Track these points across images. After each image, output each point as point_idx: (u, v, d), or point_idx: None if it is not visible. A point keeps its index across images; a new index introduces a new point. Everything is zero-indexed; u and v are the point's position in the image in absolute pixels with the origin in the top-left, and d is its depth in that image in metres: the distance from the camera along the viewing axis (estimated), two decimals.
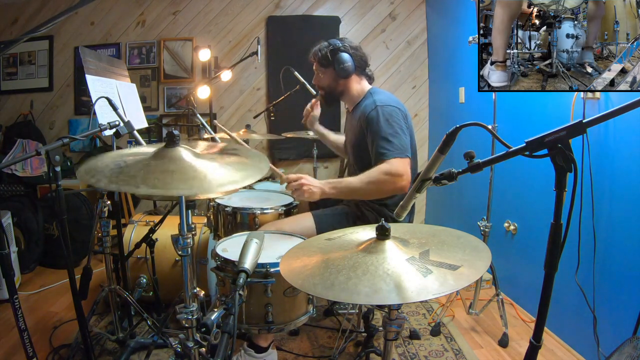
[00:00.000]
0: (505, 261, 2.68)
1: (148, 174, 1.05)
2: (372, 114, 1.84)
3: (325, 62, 1.99)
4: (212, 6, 3.88)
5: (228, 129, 3.94)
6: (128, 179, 1.03)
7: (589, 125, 0.82)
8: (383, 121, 1.81)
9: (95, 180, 1.03)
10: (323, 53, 1.98)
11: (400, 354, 2.13)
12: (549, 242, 0.88)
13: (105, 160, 1.14)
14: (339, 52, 1.95)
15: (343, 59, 1.94)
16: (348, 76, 1.98)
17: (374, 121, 1.82)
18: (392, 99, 1.93)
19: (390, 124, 1.80)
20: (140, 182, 1.01)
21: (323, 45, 2.00)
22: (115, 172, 1.07)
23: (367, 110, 1.87)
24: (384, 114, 1.82)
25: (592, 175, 1.90)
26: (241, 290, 1.23)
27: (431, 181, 1.02)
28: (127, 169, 1.08)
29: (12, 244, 2.85)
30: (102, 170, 1.08)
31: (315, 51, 2.02)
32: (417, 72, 4.01)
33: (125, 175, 1.05)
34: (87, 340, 1.64)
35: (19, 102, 3.93)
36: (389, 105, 1.85)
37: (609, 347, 1.75)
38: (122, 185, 1.02)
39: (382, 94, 1.96)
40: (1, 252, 1.38)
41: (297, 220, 1.95)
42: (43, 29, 1.42)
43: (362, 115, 1.90)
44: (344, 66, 1.95)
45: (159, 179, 1.03)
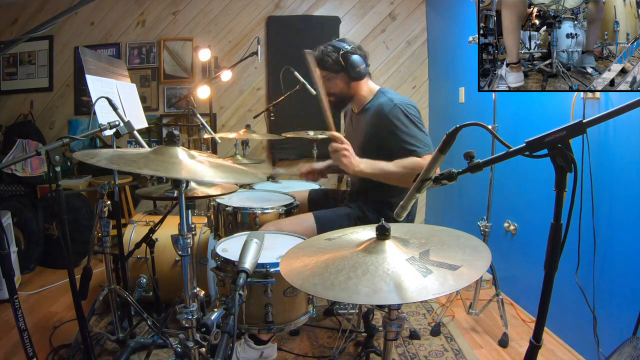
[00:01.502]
0: (505, 261, 2.68)
1: (149, 161, 1.10)
2: (393, 112, 1.81)
3: (337, 68, 1.90)
4: (212, 6, 3.88)
5: (228, 129, 3.97)
6: (129, 162, 1.07)
7: (589, 125, 0.82)
8: (405, 119, 1.80)
9: (95, 160, 1.05)
10: (334, 58, 1.89)
11: (400, 354, 2.13)
12: (549, 242, 0.88)
13: (102, 154, 1.18)
14: (350, 55, 1.88)
15: (356, 62, 1.88)
16: (362, 79, 1.94)
17: (397, 119, 1.80)
18: (405, 97, 1.92)
19: (413, 121, 1.80)
20: (143, 166, 1.07)
21: (329, 50, 1.91)
22: (116, 157, 1.12)
23: (386, 109, 1.83)
24: (405, 111, 1.81)
25: (592, 175, 1.90)
26: (241, 290, 1.23)
27: (431, 181, 1.02)
28: (127, 156, 1.13)
29: (12, 244, 2.85)
30: (102, 154, 1.12)
31: (323, 58, 1.91)
32: (417, 72, 4.01)
33: (124, 159, 1.10)
34: (87, 340, 1.64)
35: (19, 102, 3.93)
36: (408, 104, 1.85)
37: (609, 347, 1.75)
38: (123, 166, 1.05)
39: (395, 93, 1.95)
40: (1, 252, 1.38)
41: (298, 220, 1.95)
42: (43, 29, 1.42)
43: (378, 113, 1.86)
44: (359, 69, 1.89)
45: (159, 165, 1.10)
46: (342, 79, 1.94)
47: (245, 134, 2.62)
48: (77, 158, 1.09)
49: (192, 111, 2.89)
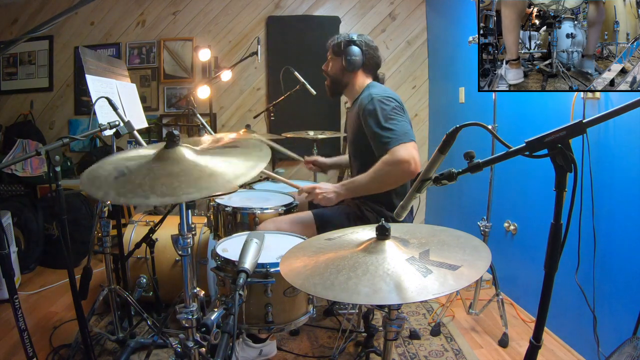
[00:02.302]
0: (505, 261, 2.68)
1: (154, 180, 1.01)
2: (368, 107, 1.85)
3: (337, 50, 2.03)
4: (212, 6, 3.88)
5: (228, 129, 3.97)
6: (135, 188, 1.00)
7: (589, 125, 0.82)
8: (380, 111, 1.81)
9: (102, 193, 1.02)
10: (338, 41, 2.03)
11: (400, 354, 2.13)
12: (549, 242, 0.88)
13: (106, 167, 1.12)
14: (351, 44, 1.99)
15: (353, 51, 1.99)
16: (354, 69, 2.01)
17: (371, 113, 1.82)
18: (388, 91, 1.94)
19: (388, 113, 1.81)
20: (149, 190, 0.98)
21: (341, 36, 2.05)
22: (121, 182, 1.04)
23: (364, 103, 1.88)
24: (381, 104, 1.83)
25: (592, 175, 1.90)
26: (241, 290, 1.23)
27: (431, 181, 1.02)
28: (132, 176, 1.05)
29: (12, 244, 2.85)
30: (106, 178, 1.06)
31: (333, 38, 2.08)
32: (417, 72, 4.01)
33: (131, 184, 1.02)
34: (87, 340, 1.64)
35: (19, 102, 3.93)
36: (386, 96, 1.86)
37: (609, 347, 1.75)
38: (131, 198, 1.00)
39: (378, 87, 1.98)
40: (1, 252, 1.38)
41: (297, 218, 1.95)
42: (43, 29, 1.42)
43: (359, 108, 1.91)
44: (352, 59, 1.98)
45: (165, 185, 1.00)
46: (339, 63, 2.04)
47: (245, 134, 2.63)
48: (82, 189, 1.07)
49: (192, 111, 2.88)
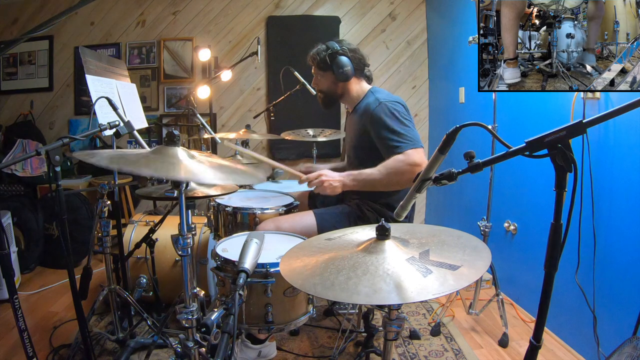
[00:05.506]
0: (505, 261, 2.68)
1: (149, 162, 1.10)
2: (377, 111, 1.84)
3: (324, 66, 1.98)
4: (212, 6, 3.88)
5: (228, 129, 3.97)
6: (129, 163, 1.08)
7: (589, 125, 0.82)
8: (390, 116, 1.81)
9: (95, 159, 1.05)
10: (322, 57, 1.97)
11: (400, 354, 2.13)
12: (549, 242, 0.88)
13: (104, 151, 1.19)
14: (337, 55, 1.94)
15: (342, 62, 1.94)
16: (347, 80, 1.98)
17: (380, 117, 1.82)
18: (394, 96, 1.94)
19: (398, 117, 1.81)
20: (143, 165, 1.07)
21: (321, 49, 1.98)
22: (117, 156, 1.12)
23: (371, 108, 1.87)
24: (390, 109, 1.82)
25: (592, 175, 1.90)
26: (241, 290, 1.23)
27: (431, 181, 1.02)
28: (128, 156, 1.14)
29: (12, 244, 2.85)
30: (102, 153, 1.12)
31: (314, 55, 2.01)
32: (417, 72, 4.01)
33: (126, 160, 1.10)
34: (87, 340, 1.64)
35: (19, 102, 3.93)
36: (393, 101, 1.86)
37: (609, 347, 1.75)
38: (124, 166, 1.05)
39: (383, 92, 1.97)
40: (1, 252, 1.38)
41: (297, 218, 1.95)
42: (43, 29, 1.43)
43: (365, 113, 1.90)
44: (343, 70, 1.95)
45: (159, 166, 1.10)
46: (329, 77, 2.01)
47: (245, 134, 2.62)
48: (76, 157, 1.11)
49: (192, 111, 2.88)
